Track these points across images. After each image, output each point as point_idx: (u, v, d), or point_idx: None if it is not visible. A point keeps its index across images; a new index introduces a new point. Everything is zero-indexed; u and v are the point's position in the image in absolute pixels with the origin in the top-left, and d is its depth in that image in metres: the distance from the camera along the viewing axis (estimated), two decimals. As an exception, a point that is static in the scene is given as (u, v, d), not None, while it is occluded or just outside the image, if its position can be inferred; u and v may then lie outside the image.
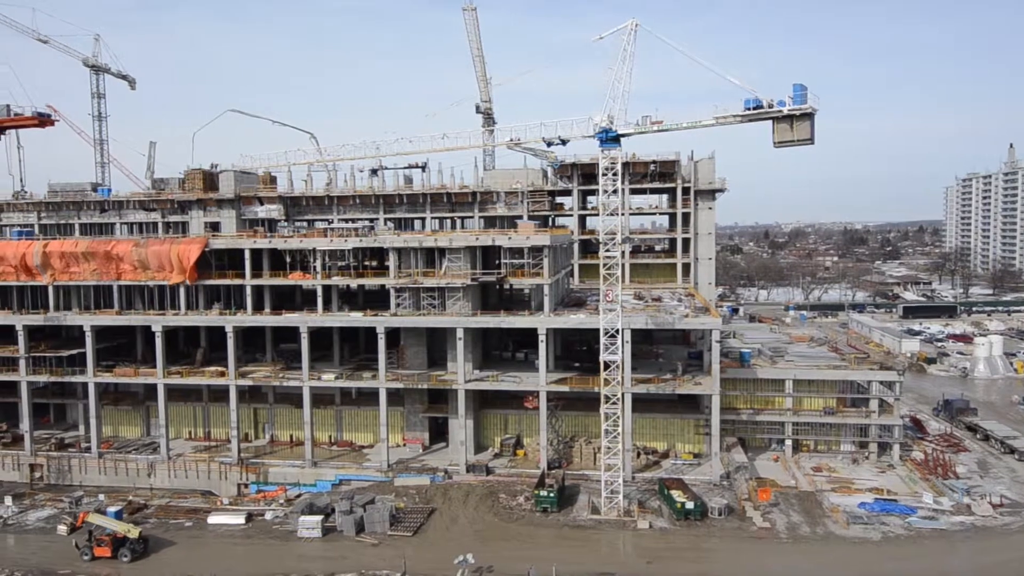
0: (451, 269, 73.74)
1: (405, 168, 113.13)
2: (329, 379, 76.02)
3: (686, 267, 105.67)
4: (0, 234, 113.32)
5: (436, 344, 78.18)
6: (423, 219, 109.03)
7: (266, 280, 78.65)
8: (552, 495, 63.80)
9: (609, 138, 62.68)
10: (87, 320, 78.24)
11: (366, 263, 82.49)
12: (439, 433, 79.62)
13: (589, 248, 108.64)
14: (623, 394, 65.11)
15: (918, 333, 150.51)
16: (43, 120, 73.42)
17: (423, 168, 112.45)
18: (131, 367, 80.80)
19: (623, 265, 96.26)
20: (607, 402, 63.57)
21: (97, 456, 78.29)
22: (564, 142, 67.24)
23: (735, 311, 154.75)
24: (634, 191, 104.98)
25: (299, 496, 70.34)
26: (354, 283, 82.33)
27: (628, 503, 63.91)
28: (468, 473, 71.95)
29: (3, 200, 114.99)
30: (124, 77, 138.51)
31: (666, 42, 63.04)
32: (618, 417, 63.66)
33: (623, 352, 64.93)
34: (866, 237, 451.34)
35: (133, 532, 60.23)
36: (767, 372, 79.04)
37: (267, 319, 77.95)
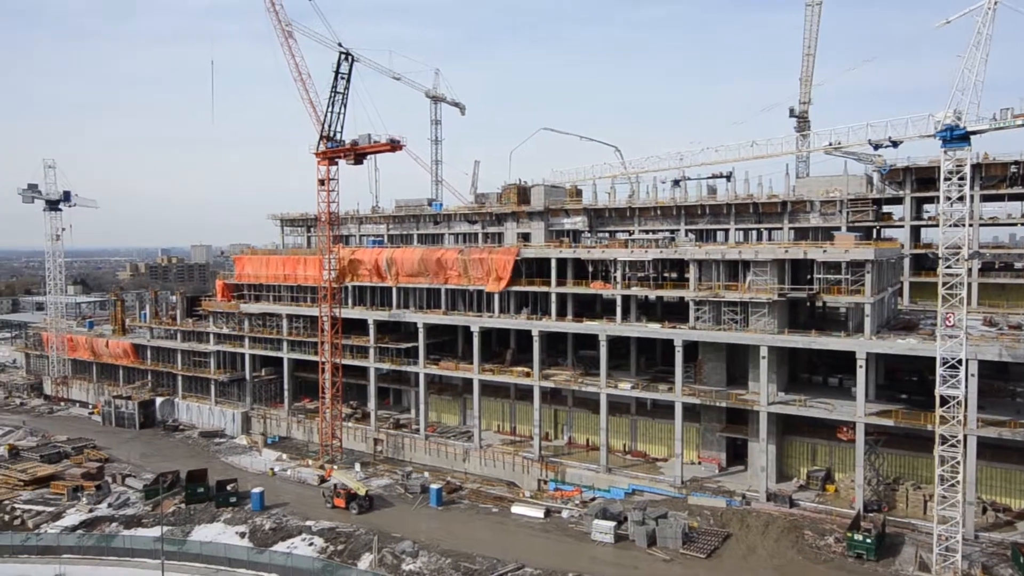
0: (756, 283, 69.81)
1: (708, 178, 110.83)
2: (625, 388, 76.98)
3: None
4: (358, 243, 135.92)
5: (736, 361, 74.68)
6: (726, 230, 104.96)
7: (569, 288, 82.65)
8: (870, 541, 56.59)
9: (955, 136, 53.75)
10: (420, 318, 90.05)
11: (665, 274, 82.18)
12: (736, 455, 75.76)
13: (924, 264, 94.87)
14: (965, 436, 55.27)
15: None
16: (394, 146, 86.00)
17: (728, 178, 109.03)
18: (452, 362, 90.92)
19: (969, 284, 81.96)
20: (944, 444, 54.41)
21: (424, 438, 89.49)
22: (895, 144, 59.53)
23: None
24: (986, 198, 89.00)
25: (593, 499, 72.35)
26: (653, 294, 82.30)
27: (968, 566, 53.96)
28: (768, 502, 67.24)
29: (363, 214, 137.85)
30: (456, 104, 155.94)
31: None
32: (958, 463, 54.10)
33: (967, 387, 55.14)
34: None
35: (362, 490, 71.54)
36: None
37: (569, 325, 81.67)
